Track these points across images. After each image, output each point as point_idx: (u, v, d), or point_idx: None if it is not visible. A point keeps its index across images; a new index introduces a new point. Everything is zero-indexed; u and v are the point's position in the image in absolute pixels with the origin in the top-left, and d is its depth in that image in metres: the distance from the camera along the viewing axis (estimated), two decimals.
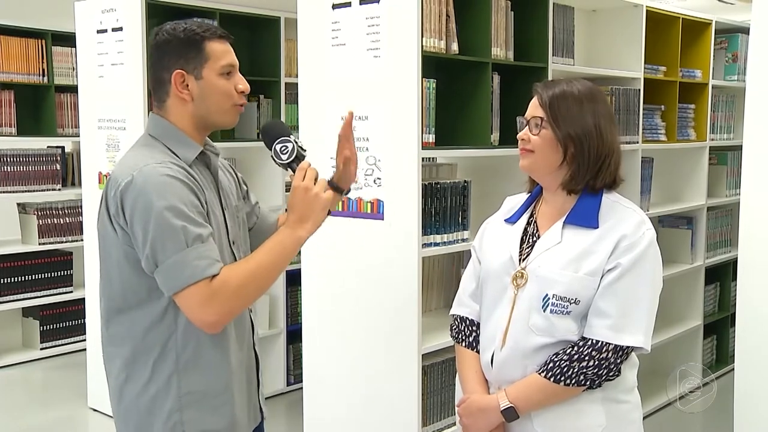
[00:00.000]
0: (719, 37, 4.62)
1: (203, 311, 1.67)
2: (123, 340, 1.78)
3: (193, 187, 1.73)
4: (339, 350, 3.04)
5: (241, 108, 1.84)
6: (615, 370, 1.79)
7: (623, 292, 1.78)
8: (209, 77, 1.78)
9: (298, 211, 1.79)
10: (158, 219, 1.65)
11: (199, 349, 1.76)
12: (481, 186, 3.16)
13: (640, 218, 1.86)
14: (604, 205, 1.87)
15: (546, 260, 1.84)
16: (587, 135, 1.84)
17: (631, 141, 3.84)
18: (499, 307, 1.90)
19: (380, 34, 2.81)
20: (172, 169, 1.72)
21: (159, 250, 1.66)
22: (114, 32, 3.92)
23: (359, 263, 2.92)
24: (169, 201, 1.67)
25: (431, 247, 2.87)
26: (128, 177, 1.69)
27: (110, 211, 1.73)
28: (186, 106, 1.80)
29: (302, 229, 1.80)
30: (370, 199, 2.87)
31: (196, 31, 1.78)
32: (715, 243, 4.68)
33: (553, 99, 1.86)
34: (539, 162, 1.87)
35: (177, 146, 1.79)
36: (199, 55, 1.78)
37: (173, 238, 1.66)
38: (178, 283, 1.66)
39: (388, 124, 2.82)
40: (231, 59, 1.81)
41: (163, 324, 1.74)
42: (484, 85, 3.08)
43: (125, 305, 1.76)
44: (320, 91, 3.03)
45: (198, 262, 1.66)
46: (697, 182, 4.49)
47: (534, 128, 1.86)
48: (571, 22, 3.52)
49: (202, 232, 1.69)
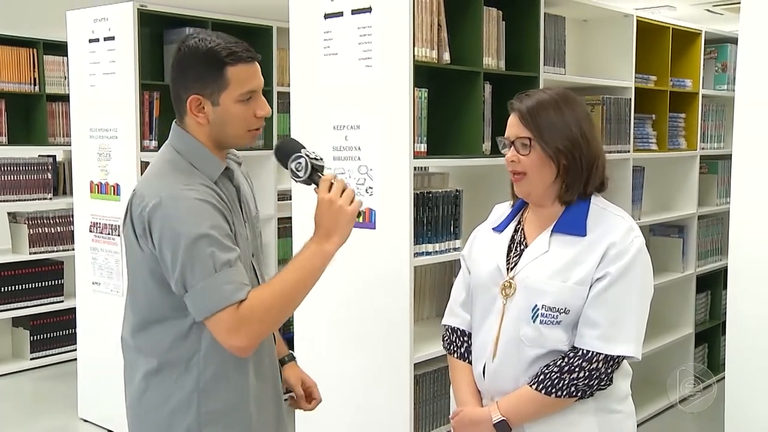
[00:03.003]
0: (709, 47, 4.66)
1: (232, 337, 1.67)
2: (149, 351, 1.77)
3: (222, 209, 1.73)
4: (331, 359, 3.04)
5: (257, 132, 1.81)
6: (606, 380, 1.79)
7: (613, 301, 1.77)
8: (226, 104, 1.73)
9: (324, 225, 1.74)
10: (187, 244, 1.64)
11: (222, 370, 1.76)
12: (473, 195, 3.17)
13: (629, 225, 1.85)
14: (592, 212, 1.85)
15: (534, 270, 1.83)
16: (575, 144, 1.82)
17: (623, 150, 3.87)
18: (489, 318, 1.89)
19: (372, 44, 2.82)
20: (200, 191, 1.70)
21: (188, 275, 1.65)
22: (106, 41, 3.93)
23: (351, 272, 2.92)
24: (198, 227, 1.65)
25: (423, 256, 2.88)
26: (156, 199, 1.68)
27: (136, 229, 1.72)
28: (202, 128, 1.77)
29: (330, 243, 1.74)
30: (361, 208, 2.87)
31: (219, 54, 1.71)
32: (706, 251, 4.70)
33: (534, 113, 1.83)
34: (535, 183, 1.85)
35: (202, 163, 1.77)
36: (218, 81, 1.72)
37: (202, 263, 1.64)
38: (207, 308, 1.65)
39: (380, 133, 2.82)
40: (252, 85, 1.75)
41: (188, 342, 1.74)
42: (475, 95, 3.09)
43: (151, 319, 1.76)
44: (312, 100, 3.04)
45: (226, 287, 1.65)
46: (688, 191, 4.52)
47: (522, 149, 1.84)
48: (563, 32, 3.54)
49: (230, 257, 1.68)
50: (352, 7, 2.87)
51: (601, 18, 3.96)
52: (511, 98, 1.93)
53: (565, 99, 1.87)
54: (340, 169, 2.94)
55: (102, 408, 4.10)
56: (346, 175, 2.91)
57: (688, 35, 4.43)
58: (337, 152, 2.94)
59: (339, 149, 2.94)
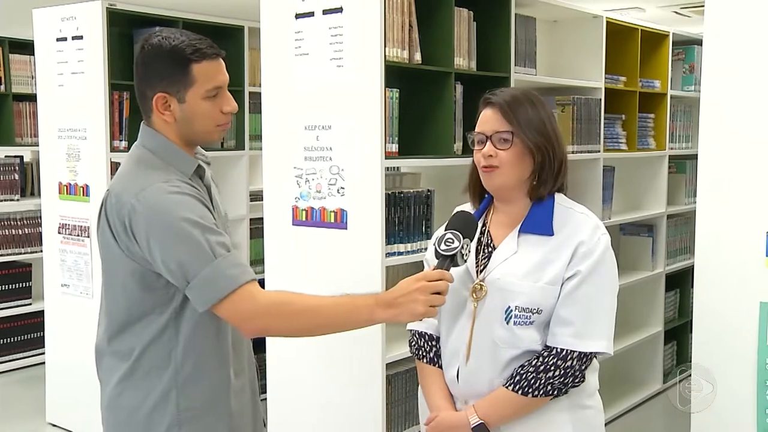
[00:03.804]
0: (676, 49, 4.73)
1: (246, 321, 1.67)
2: (125, 353, 1.76)
3: (204, 201, 1.73)
4: (303, 361, 3.04)
5: (226, 126, 1.81)
6: (580, 377, 1.81)
7: (584, 299, 1.80)
8: (193, 101, 1.73)
9: (395, 297, 1.70)
10: (179, 235, 1.63)
11: (200, 365, 1.75)
12: (445, 195, 3.19)
13: (595, 223, 1.87)
14: (557, 211, 1.87)
15: (505, 271, 1.84)
16: (549, 141, 1.85)
17: (593, 150, 3.91)
18: (459, 321, 1.89)
19: (343, 44, 2.83)
20: (180, 186, 1.70)
21: (188, 267, 1.64)
22: (74, 40, 3.89)
23: (323, 272, 2.93)
24: (185, 215, 1.65)
25: (395, 257, 2.89)
26: (135, 196, 1.66)
27: (114, 230, 1.70)
28: (169, 126, 1.77)
29: (384, 312, 1.70)
30: (333, 209, 2.89)
31: (183, 52, 1.71)
32: (675, 250, 4.77)
33: (514, 108, 1.84)
34: (510, 177, 1.85)
35: (175, 160, 1.77)
36: (183, 79, 1.72)
37: (199, 252, 1.64)
38: (216, 296, 1.64)
39: (352, 133, 2.84)
40: (218, 81, 1.75)
41: (165, 338, 1.73)
42: (447, 95, 3.11)
43: (130, 320, 1.74)
44: (283, 100, 3.04)
45: (231, 270, 1.65)
46: (657, 191, 4.58)
47: (502, 143, 1.83)
48: (533, 33, 3.58)
49: (225, 242, 1.68)
50: (323, 7, 2.88)
51: (571, 19, 4.01)
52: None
53: (536, 96, 1.90)
54: (311, 169, 2.95)
55: (71, 412, 4.07)
56: (318, 175, 2.92)
57: (656, 37, 4.49)
58: (308, 152, 2.95)
59: (310, 149, 2.94)
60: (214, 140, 1.83)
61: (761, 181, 2.42)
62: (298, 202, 2.99)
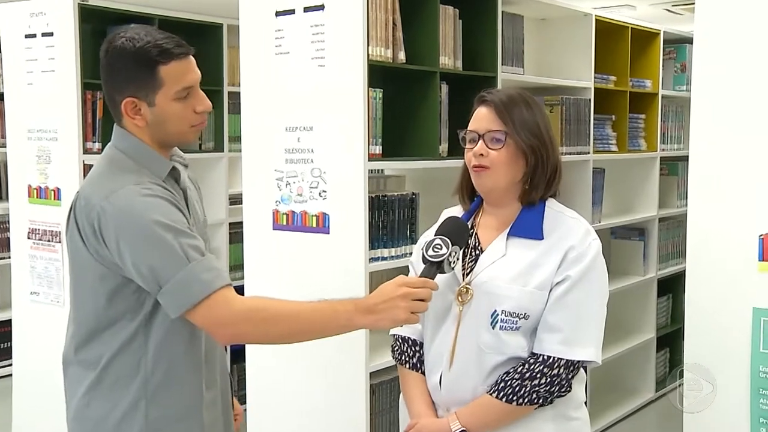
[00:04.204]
0: (667, 47, 4.78)
1: (220, 327, 1.67)
2: (93, 362, 1.75)
3: (177, 204, 1.72)
4: (284, 369, 3.04)
5: (201, 126, 1.81)
6: (567, 386, 1.82)
7: (573, 305, 1.81)
8: (163, 104, 1.73)
9: (375, 303, 1.71)
10: (150, 239, 1.63)
11: (170, 373, 1.75)
12: (430, 198, 3.20)
13: (586, 228, 1.89)
14: (547, 215, 1.88)
15: (492, 274, 1.85)
16: (543, 144, 1.86)
17: (582, 151, 3.94)
18: (443, 326, 1.90)
19: (325, 43, 2.84)
20: (152, 189, 1.69)
21: (160, 271, 1.63)
22: (44, 37, 3.86)
23: (304, 278, 2.93)
24: (157, 218, 1.64)
25: (378, 262, 2.90)
26: (106, 199, 1.66)
27: (83, 234, 1.70)
28: (142, 129, 1.76)
29: (363, 318, 1.70)
30: (315, 213, 2.89)
31: (149, 54, 1.70)
32: (667, 254, 4.81)
33: (509, 107, 1.85)
34: (501, 179, 1.86)
35: (148, 162, 1.76)
36: (151, 82, 1.71)
37: (171, 255, 1.63)
38: (188, 301, 1.64)
39: (334, 135, 2.84)
40: (188, 81, 1.74)
41: (133, 347, 1.72)
42: (432, 95, 3.12)
43: (99, 327, 1.74)
44: (263, 100, 3.04)
45: (205, 275, 1.64)
46: (649, 193, 4.62)
47: (494, 143, 1.84)
48: (521, 31, 3.60)
49: (198, 244, 1.67)
50: (305, 5, 2.88)
51: (559, 17, 4.04)
52: (469, 98, 1.95)
53: (531, 98, 1.91)
54: (292, 172, 2.95)
55: (38, 426, 4.03)
56: (299, 178, 2.92)
57: (647, 35, 4.53)
58: (289, 154, 2.95)
59: (291, 151, 2.95)
60: (189, 141, 1.83)
61: (754, 183, 2.43)
62: (279, 206, 2.99)
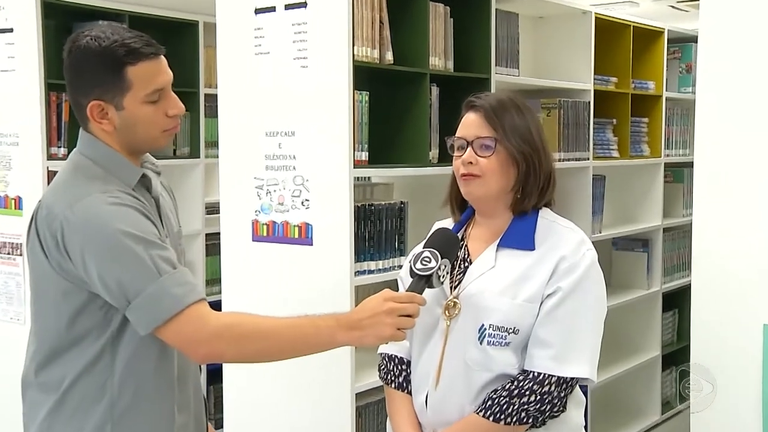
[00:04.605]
0: (672, 47, 4.82)
1: (195, 345, 1.68)
2: (55, 384, 1.74)
3: (148, 214, 1.72)
4: (264, 391, 3.05)
5: (174, 130, 1.82)
6: (559, 405, 1.83)
7: (565, 318, 1.83)
8: (132, 107, 1.73)
9: (360, 318, 1.73)
10: (119, 251, 1.63)
11: (139, 395, 1.75)
12: (420, 207, 3.22)
13: (580, 238, 1.91)
14: (540, 225, 1.91)
15: (480, 287, 1.87)
16: (535, 150, 1.89)
17: (581, 158, 3.98)
18: (430, 342, 1.92)
19: (308, 42, 2.86)
20: (120, 197, 1.69)
21: (128, 285, 1.63)
22: (3, 34, 3.86)
23: (285, 293, 2.94)
24: (126, 229, 1.64)
25: (365, 275, 2.92)
26: (70, 208, 1.66)
27: (45, 246, 1.70)
28: (109, 134, 1.77)
29: (347, 335, 1.73)
30: (297, 223, 2.91)
31: (115, 54, 1.69)
32: (672, 267, 4.82)
33: (499, 112, 1.88)
34: (491, 187, 1.89)
35: (117, 169, 1.76)
36: (118, 84, 1.71)
37: (141, 268, 1.63)
38: (159, 317, 1.64)
39: (317, 140, 2.86)
40: (159, 82, 1.75)
41: (98, 368, 1.72)
42: (421, 98, 3.15)
43: (61, 346, 1.73)
44: (242, 103, 3.06)
45: (176, 289, 1.65)
46: (653, 201, 4.64)
47: (483, 150, 1.87)
48: (516, 30, 3.63)
49: (170, 256, 1.68)
50: (286, 2, 2.91)
51: (557, 15, 4.07)
52: (461, 101, 1.98)
53: (523, 104, 1.94)
54: (273, 179, 2.97)
55: None
56: (280, 186, 2.94)
57: (650, 34, 4.57)
58: (270, 161, 2.97)
59: (272, 158, 2.96)
60: (161, 146, 1.83)
61: (764, 190, 2.43)
62: (259, 216, 3.01)
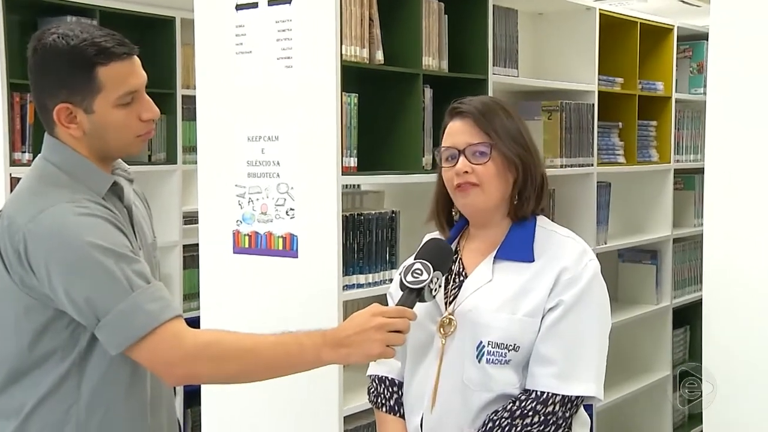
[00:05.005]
0: (682, 45, 4.85)
1: (170, 366, 1.68)
2: (14, 410, 1.72)
3: (119, 225, 1.72)
4: (245, 415, 3.05)
5: (148, 135, 1.82)
6: (564, 426, 1.85)
7: (568, 333, 1.84)
8: (103, 111, 1.73)
9: (347, 335, 1.74)
10: (87, 264, 1.63)
11: (108, 422, 1.74)
12: (412, 217, 3.22)
13: (582, 248, 1.94)
14: (538, 235, 1.94)
15: (477, 302, 1.89)
16: (529, 152, 1.92)
17: (585, 163, 4.00)
18: (424, 361, 1.93)
19: (292, 41, 2.87)
20: (89, 207, 1.69)
21: (98, 302, 1.63)
22: None
23: (268, 309, 2.95)
24: (95, 241, 1.64)
25: (354, 290, 2.93)
26: (33, 219, 1.65)
27: (5, 259, 1.69)
28: (77, 140, 1.76)
29: (332, 353, 1.74)
30: (281, 234, 2.92)
31: (85, 53, 1.69)
32: (683, 280, 4.83)
33: (489, 116, 1.90)
34: (492, 195, 1.91)
35: (85, 176, 1.76)
36: (88, 85, 1.71)
37: (112, 283, 1.63)
38: (131, 335, 1.64)
39: (303, 145, 2.87)
40: (132, 84, 1.75)
41: (63, 391, 1.71)
42: (413, 100, 3.17)
43: (20, 369, 1.72)
44: (222, 106, 3.07)
45: (150, 306, 1.65)
46: (662, 210, 4.66)
47: (478, 157, 1.89)
48: (515, 28, 3.66)
49: (144, 270, 1.68)
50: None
51: (558, 11, 4.10)
52: None
53: (508, 105, 1.98)
54: (256, 187, 2.98)
55: None
56: (263, 194, 2.95)
57: (658, 31, 4.59)
58: (252, 167, 2.98)
59: (254, 164, 2.97)
60: (134, 153, 1.84)
61: None
62: (240, 226, 3.02)
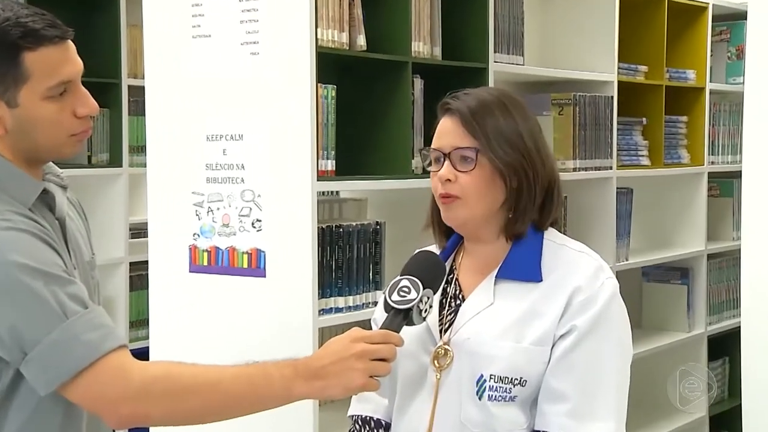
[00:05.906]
0: (718, 26, 4.84)
1: (112, 406, 1.67)
2: None
3: (50, 241, 1.72)
4: None
5: (84, 135, 1.81)
6: None
7: (583, 364, 1.85)
8: (30, 104, 1.72)
9: (323, 366, 1.74)
10: (12, 287, 1.62)
11: None
12: (399, 229, 3.22)
13: (597, 264, 1.94)
14: (547, 250, 1.94)
15: (476, 329, 1.90)
16: (528, 159, 1.91)
17: (602, 166, 4.00)
18: (417, 398, 1.94)
19: (259, 23, 2.87)
20: (11, 220, 1.68)
21: (24, 332, 1.62)
22: None
23: (231, 337, 2.94)
24: (21, 261, 1.63)
25: (331, 314, 2.94)
26: None
27: None
28: (1, 139, 1.76)
29: (306, 385, 1.74)
30: (246, 249, 2.93)
31: (9, 35, 1.68)
32: (720, 303, 4.80)
33: (479, 116, 1.90)
34: (475, 209, 1.91)
35: (9, 183, 1.75)
36: (12, 73, 1.69)
37: (42, 310, 1.63)
38: (67, 370, 1.63)
39: (271, 145, 2.87)
40: (65, 74, 1.74)
41: None
42: (402, 93, 3.18)
43: None
44: (176, 99, 3.06)
45: (89, 335, 1.64)
46: (694, 221, 4.65)
47: (463, 163, 1.90)
48: (520, 8, 3.67)
49: (80, 293, 1.67)
50: None
51: None
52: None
53: (512, 101, 1.96)
54: (216, 194, 2.98)
55: None
56: (225, 203, 2.96)
57: (690, 10, 4.59)
58: (211, 172, 2.98)
59: (214, 167, 2.98)
60: (67, 155, 1.83)
61: None
62: (198, 240, 3.02)
